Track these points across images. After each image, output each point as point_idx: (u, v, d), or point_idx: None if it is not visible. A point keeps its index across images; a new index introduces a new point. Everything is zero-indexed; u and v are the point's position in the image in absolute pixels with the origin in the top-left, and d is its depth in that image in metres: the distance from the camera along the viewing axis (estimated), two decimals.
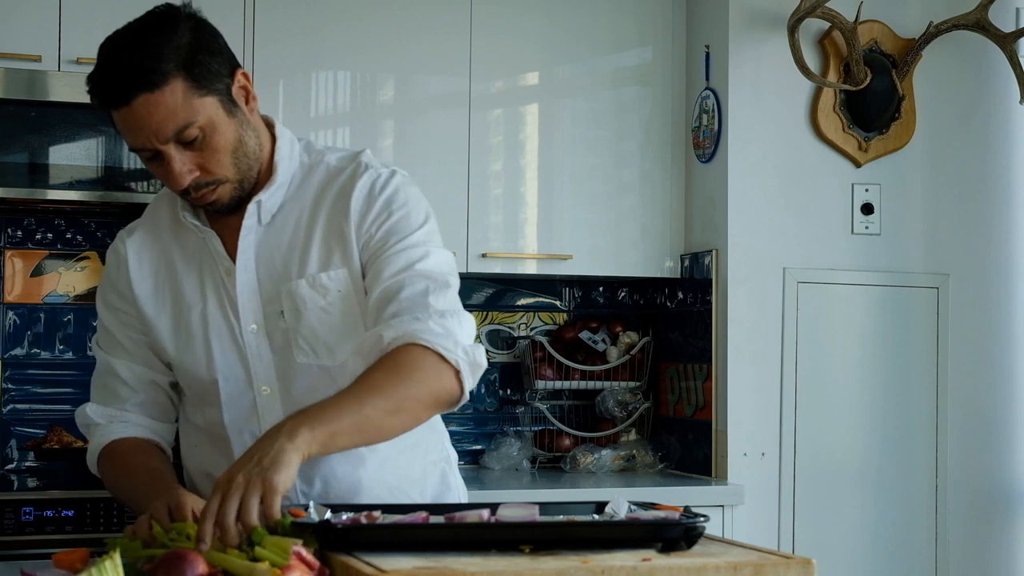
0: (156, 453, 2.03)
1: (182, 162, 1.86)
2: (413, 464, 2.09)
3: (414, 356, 1.82)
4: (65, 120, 3.28)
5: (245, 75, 1.93)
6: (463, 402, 1.90)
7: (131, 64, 1.82)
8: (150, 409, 2.07)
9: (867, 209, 3.71)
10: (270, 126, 2.02)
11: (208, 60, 1.87)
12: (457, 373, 1.85)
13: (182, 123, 1.83)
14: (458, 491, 2.18)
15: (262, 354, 1.98)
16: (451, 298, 1.93)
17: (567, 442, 3.95)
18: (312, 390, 1.95)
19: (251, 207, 1.97)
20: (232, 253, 1.99)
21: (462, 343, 1.86)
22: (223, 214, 1.97)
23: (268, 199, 1.98)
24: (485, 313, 4.01)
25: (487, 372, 3.99)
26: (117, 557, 1.49)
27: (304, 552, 1.51)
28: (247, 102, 1.93)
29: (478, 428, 4.01)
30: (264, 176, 1.98)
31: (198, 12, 1.92)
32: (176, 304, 2.02)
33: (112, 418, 2.05)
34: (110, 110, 1.85)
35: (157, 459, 2.01)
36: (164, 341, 2.03)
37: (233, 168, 1.91)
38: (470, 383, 1.87)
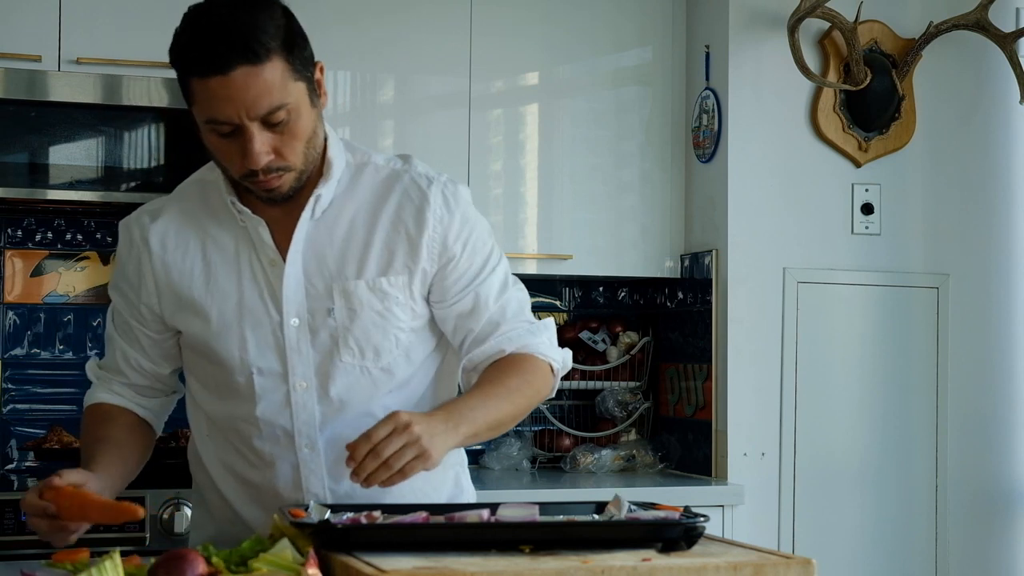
0: (122, 423, 2.06)
1: (262, 142, 1.82)
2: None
3: (535, 366, 2.02)
4: (65, 120, 3.28)
5: (322, 68, 1.92)
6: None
7: (235, 32, 1.78)
8: (140, 389, 2.10)
9: (867, 209, 3.71)
10: None
11: (304, 45, 1.87)
12: (555, 375, 2.07)
13: (276, 103, 1.81)
14: (469, 494, 2.20)
15: (302, 349, 1.96)
16: (530, 306, 2.11)
17: (567, 442, 3.95)
18: (350, 388, 1.97)
19: (310, 200, 1.95)
20: (277, 244, 1.96)
21: (561, 352, 2.08)
22: (276, 203, 1.94)
23: (326, 194, 1.97)
24: None
25: None
26: (117, 557, 1.49)
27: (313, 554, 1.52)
28: (320, 95, 1.93)
29: None
30: (316, 171, 1.97)
31: None
32: (209, 292, 1.98)
33: (102, 380, 2.10)
34: (199, 77, 1.80)
35: (116, 429, 2.04)
36: (192, 330, 2.00)
37: (303, 157, 1.89)
38: (557, 385, 2.10)
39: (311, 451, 1.98)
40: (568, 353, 2.10)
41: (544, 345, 2.04)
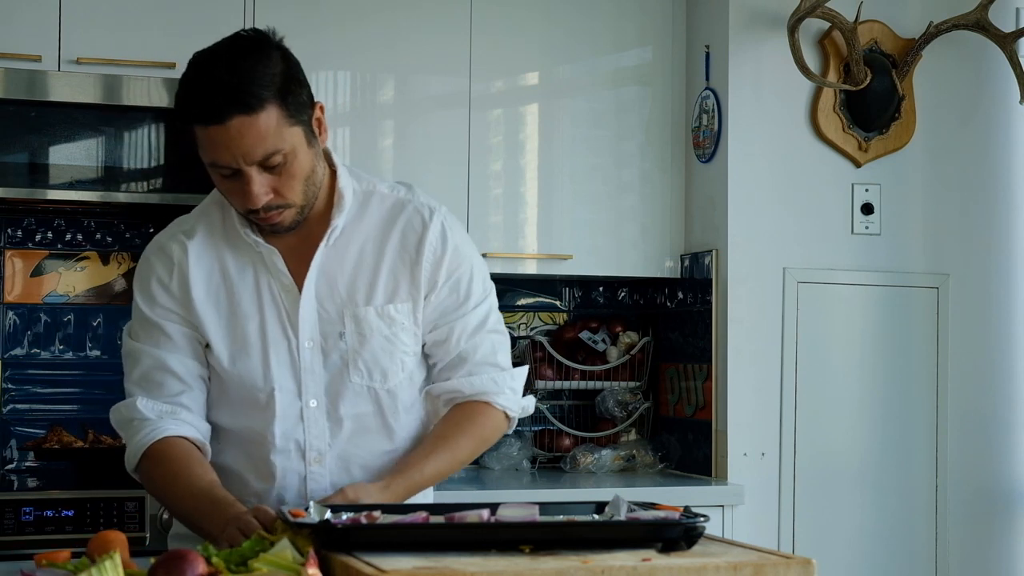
0: (207, 463, 2.06)
1: (260, 184, 1.94)
2: None
3: (488, 417, 2.15)
4: (65, 120, 3.28)
5: (322, 108, 2.02)
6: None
7: (231, 85, 1.89)
8: (199, 405, 2.11)
9: (867, 209, 3.71)
10: (326, 154, 2.11)
11: (299, 90, 1.96)
12: (510, 422, 2.20)
13: (271, 149, 1.92)
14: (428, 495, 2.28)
15: (315, 369, 2.08)
16: (509, 350, 2.21)
17: (567, 442, 3.94)
18: (356, 406, 2.10)
19: (328, 231, 2.06)
20: (291, 270, 2.07)
21: (521, 402, 2.20)
22: (279, 235, 2.05)
23: (341, 224, 2.07)
24: None
25: None
26: (117, 557, 1.49)
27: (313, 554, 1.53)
28: (320, 133, 2.02)
29: None
30: (325, 201, 2.08)
31: (283, 40, 2.00)
32: (232, 313, 2.08)
33: (163, 413, 2.06)
34: (198, 125, 1.91)
35: (211, 471, 2.04)
36: (218, 348, 2.08)
37: (302, 195, 2.00)
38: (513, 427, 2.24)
39: (319, 465, 2.09)
40: (531, 400, 2.22)
41: (503, 396, 2.16)
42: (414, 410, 2.16)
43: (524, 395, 2.22)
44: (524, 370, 2.22)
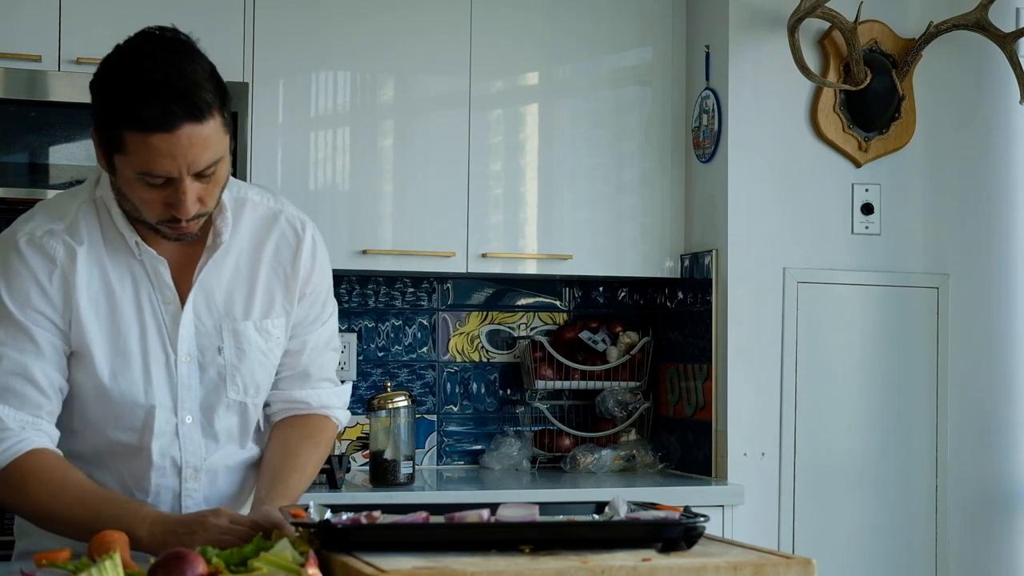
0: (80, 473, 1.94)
1: (193, 193, 1.82)
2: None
3: (329, 429, 2.18)
4: (65, 120, 3.28)
5: None
6: None
7: (180, 89, 1.76)
8: (55, 418, 1.96)
9: (867, 209, 3.71)
10: None
11: (229, 94, 1.85)
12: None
13: (214, 158, 1.81)
14: None
15: (191, 384, 2.01)
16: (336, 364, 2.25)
17: (567, 442, 3.95)
18: (228, 420, 2.06)
19: (217, 242, 1.98)
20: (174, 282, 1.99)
21: (347, 415, 2.24)
22: (180, 241, 1.94)
23: (224, 232, 1.99)
24: (485, 313, 4.01)
25: (487, 372, 4.01)
26: (117, 557, 1.49)
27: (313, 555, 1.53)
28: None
29: (478, 428, 4.01)
30: None
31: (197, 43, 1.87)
32: (113, 324, 1.96)
33: (26, 424, 1.91)
34: (138, 132, 1.76)
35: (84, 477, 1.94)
36: (98, 360, 1.95)
37: (217, 201, 1.91)
38: None
39: (195, 481, 2.04)
40: (348, 414, 2.25)
41: (340, 411, 2.20)
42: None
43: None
44: (350, 386, 2.25)
